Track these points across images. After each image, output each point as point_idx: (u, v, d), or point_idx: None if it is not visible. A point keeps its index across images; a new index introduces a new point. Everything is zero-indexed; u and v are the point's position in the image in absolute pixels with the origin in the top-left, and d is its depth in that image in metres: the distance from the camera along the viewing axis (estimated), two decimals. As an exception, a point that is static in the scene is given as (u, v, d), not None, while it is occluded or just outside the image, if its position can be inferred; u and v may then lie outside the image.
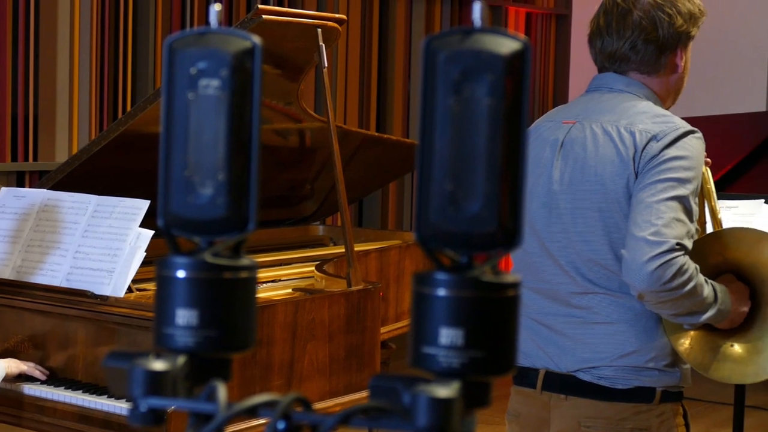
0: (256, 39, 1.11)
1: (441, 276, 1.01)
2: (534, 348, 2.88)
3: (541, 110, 9.62)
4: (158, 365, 1.04)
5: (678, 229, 2.63)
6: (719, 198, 3.77)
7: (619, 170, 2.73)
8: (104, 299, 3.90)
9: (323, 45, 4.45)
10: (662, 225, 2.62)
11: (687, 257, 2.64)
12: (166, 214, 1.10)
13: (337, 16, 4.62)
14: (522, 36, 1.02)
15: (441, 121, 1.01)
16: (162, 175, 1.10)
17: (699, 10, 2.91)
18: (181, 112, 1.09)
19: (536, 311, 2.88)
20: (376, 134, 6.14)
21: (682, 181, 2.68)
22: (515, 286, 1.02)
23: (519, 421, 2.96)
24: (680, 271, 2.61)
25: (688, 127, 2.78)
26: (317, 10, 7.65)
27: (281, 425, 0.98)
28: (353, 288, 4.30)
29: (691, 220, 2.68)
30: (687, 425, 2.89)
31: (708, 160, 2.97)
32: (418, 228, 1.03)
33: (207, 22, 1.13)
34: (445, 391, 0.97)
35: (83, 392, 3.82)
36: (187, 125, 1.09)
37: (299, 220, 5.94)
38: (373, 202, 8.43)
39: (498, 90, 1.00)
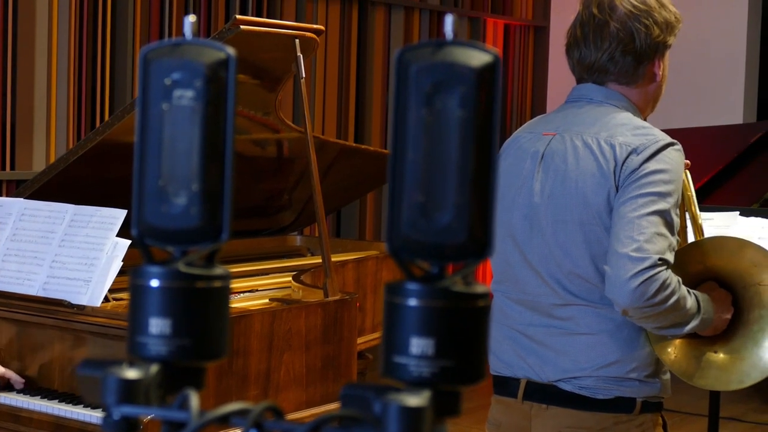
0: (231, 50, 1.11)
1: (412, 286, 1.02)
2: (515, 358, 2.89)
3: (520, 121, 9.65)
4: (131, 374, 1.05)
5: (660, 244, 2.64)
6: (696, 210, 3.79)
7: (599, 183, 2.74)
8: (81, 309, 3.90)
9: (301, 55, 4.46)
10: (644, 240, 2.63)
11: (669, 272, 2.65)
12: (140, 224, 1.11)
13: (314, 26, 4.62)
14: (493, 48, 1.03)
15: (413, 132, 1.02)
16: (136, 185, 1.11)
17: (675, 18, 2.91)
18: (156, 123, 1.10)
19: (518, 322, 2.89)
20: (354, 145, 6.15)
21: (662, 195, 2.69)
22: (486, 296, 1.03)
23: (500, 431, 2.96)
24: (663, 286, 2.62)
25: (668, 139, 2.78)
26: (296, 21, 7.67)
27: (253, 433, 0.98)
28: (330, 298, 4.31)
29: (673, 233, 2.69)
30: None
31: (687, 161, 2.98)
32: (389, 238, 1.04)
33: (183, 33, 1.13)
34: (415, 400, 0.97)
35: (59, 401, 3.82)
36: (162, 135, 1.10)
37: (277, 231, 5.94)
38: (350, 213, 8.44)
39: (469, 102, 1.01)
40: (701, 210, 3.77)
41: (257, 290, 4.94)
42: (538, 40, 9.92)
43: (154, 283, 1.09)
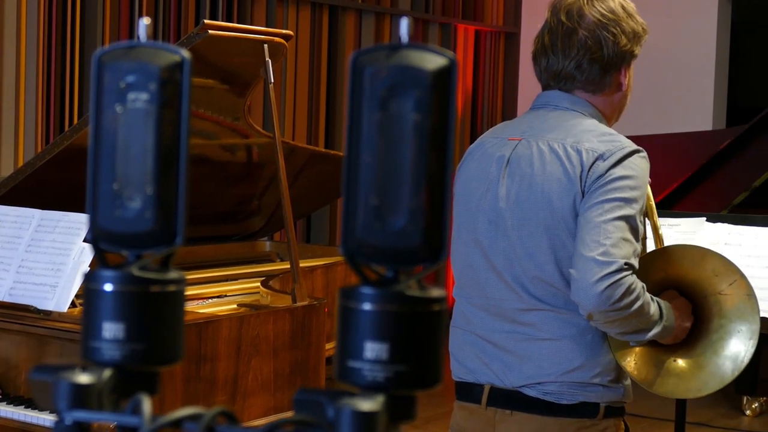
0: (185, 53, 1.11)
1: (366, 290, 1.02)
2: (479, 364, 2.89)
3: (490, 126, 9.65)
4: (83, 378, 1.04)
5: (625, 249, 2.65)
6: (662, 216, 3.80)
7: (565, 188, 2.74)
8: (47, 314, 3.88)
9: (269, 60, 4.45)
10: (610, 245, 2.63)
11: (635, 276, 2.65)
12: (94, 228, 1.10)
13: (283, 31, 4.62)
14: (448, 52, 1.03)
15: (367, 136, 1.02)
16: (90, 189, 1.10)
17: (642, 28, 2.92)
18: (110, 126, 1.09)
19: (481, 327, 2.89)
20: (324, 150, 6.14)
21: (628, 201, 2.69)
22: (441, 300, 1.03)
23: None
24: (628, 290, 2.62)
25: (634, 146, 2.79)
26: (266, 25, 7.66)
27: (206, 438, 0.98)
28: (298, 304, 4.30)
29: (638, 239, 2.70)
30: None
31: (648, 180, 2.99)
32: (344, 242, 1.03)
33: (137, 36, 1.13)
34: (368, 404, 0.97)
35: (25, 407, 3.79)
36: (116, 139, 1.09)
37: (246, 236, 5.93)
38: (321, 218, 8.43)
39: (424, 106, 1.01)
40: (669, 216, 3.79)
41: (226, 296, 4.92)
42: (509, 46, 9.94)
43: (108, 287, 1.08)
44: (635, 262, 2.67)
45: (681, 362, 2.87)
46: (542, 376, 2.79)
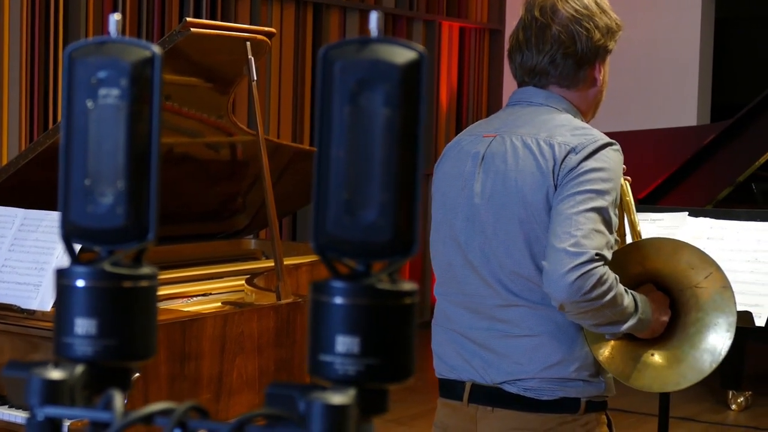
0: (156, 48, 1.11)
1: (337, 284, 1.02)
2: (460, 361, 2.90)
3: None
4: (55, 374, 1.04)
5: (597, 240, 2.65)
6: (645, 210, 3.81)
7: (538, 182, 2.75)
8: (30, 313, 3.87)
9: (252, 58, 4.45)
10: (581, 236, 2.64)
11: (606, 267, 2.66)
12: (66, 224, 1.10)
13: (266, 29, 4.61)
14: (418, 45, 1.03)
15: (337, 130, 1.02)
16: (62, 185, 1.10)
17: (616, 24, 2.94)
18: (81, 122, 1.09)
19: (460, 325, 2.89)
20: (309, 148, 6.14)
21: (600, 193, 2.70)
22: (412, 294, 1.03)
23: None
24: (600, 281, 2.63)
25: (607, 139, 2.80)
26: (250, 23, 7.65)
27: (177, 433, 0.98)
28: (282, 301, 4.30)
29: (611, 231, 2.71)
30: None
31: (628, 178, 3.00)
32: (315, 237, 1.03)
33: (107, 32, 1.13)
34: (339, 398, 0.97)
35: (9, 407, 3.79)
36: (87, 135, 1.09)
37: (231, 234, 5.92)
38: (307, 216, 8.43)
39: (394, 100, 1.01)
40: (651, 211, 3.80)
41: (211, 294, 4.92)
42: (493, 42, 9.95)
43: (80, 283, 1.08)
44: (607, 254, 2.68)
45: (658, 356, 2.87)
46: (522, 373, 2.80)
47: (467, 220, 2.86)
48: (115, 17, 1.12)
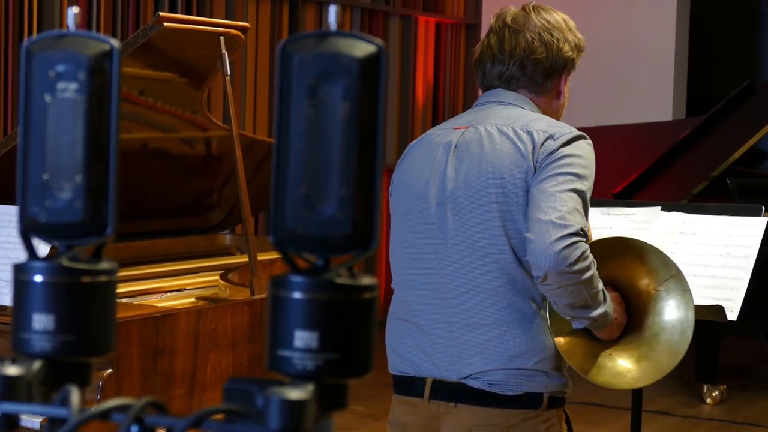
0: (114, 42, 1.10)
1: (296, 279, 1.01)
2: (420, 356, 2.89)
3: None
4: (12, 370, 1.03)
5: (579, 218, 2.70)
6: (618, 205, 3.82)
7: (517, 164, 2.79)
8: (3, 309, 3.86)
9: (226, 53, 4.43)
10: (566, 212, 2.70)
11: (588, 246, 2.70)
12: (24, 219, 1.09)
13: (240, 24, 4.60)
14: (377, 39, 1.03)
15: (296, 124, 1.01)
16: (20, 179, 1.09)
17: (582, 43, 3.08)
18: (39, 116, 1.09)
19: (423, 315, 2.88)
20: (284, 143, 6.11)
21: (580, 177, 2.76)
22: (371, 288, 1.03)
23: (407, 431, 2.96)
24: (583, 255, 2.68)
25: (580, 133, 2.85)
26: (225, 18, 7.64)
27: (134, 429, 0.97)
28: (256, 296, 4.29)
29: (586, 217, 2.75)
30: (570, 430, 2.93)
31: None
32: (274, 231, 1.03)
33: (66, 25, 1.12)
34: (297, 393, 0.97)
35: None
36: (45, 129, 1.08)
37: (207, 229, 5.91)
38: (283, 211, 8.41)
39: (352, 93, 1.01)
40: (624, 205, 3.80)
41: (185, 289, 4.90)
42: (470, 38, 9.95)
43: (38, 278, 1.07)
44: (587, 234, 2.73)
45: (616, 356, 2.90)
46: (486, 364, 2.80)
47: (439, 205, 2.87)
48: (73, 10, 1.11)
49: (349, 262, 1.02)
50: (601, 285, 2.76)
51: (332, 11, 1.03)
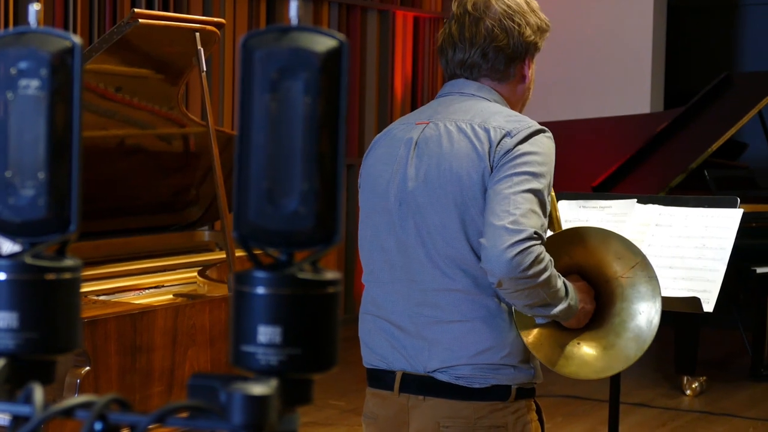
0: (76, 38, 1.10)
1: (259, 274, 1.01)
2: (390, 350, 2.90)
3: (431, 114, 9.65)
4: (-25, 369, 1.03)
5: (534, 220, 2.69)
6: (594, 198, 3.82)
7: (474, 165, 2.78)
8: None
9: (202, 49, 4.43)
10: (520, 215, 2.67)
11: (543, 247, 2.69)
12: (-13, 217, 1.09)
13: (215, 20, 4.59)
14: (338, 34, 1.02)
15: (258, 119, 1.01)
16: (-18, 177, 1.09)
17: (546, 24, 3.01)
18: (1, 114, 1.08)
19: (392, 312, 2.89)
20: (262, 138, 6.10)
21: (536, 175, 2.74)
22: (335, 283, 1.03)
23: (377, 424, 2.96)
24: (537, 259, 2.66)
25: (540, 126, 2.84)
26: (203, 14, 7.62)
27: (98, 426, 0.97)
28: (234, 292, 4.28)
29: (545, 215, 2.74)
30: (541, 420, 2.93)
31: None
32: (237, 226, 1.03)
33: (27, 22, 1.11)
34: (260, 388, 0.97)
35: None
36: (8, 126, 1.08)
37: (185, 226, 5.89)
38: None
39: (314, 88, 1.01)
40: (600, 198, 3.81)
41: (163, 286, 4.90)
42: (448, 32, 9.94)
43: (1, 275, 1.07)
44: (543, 235, 2.71)
45: (584, 345, 2.90)
46: (453, 359, 2.81)
47: (400, 204, 2.87)
48: (34, 7, 1.11)
49: (312, 257, 1.02)
50: (560, 282, 2.75)
51: (293, 6, 1.03)
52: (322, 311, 1.02)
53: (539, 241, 2.68)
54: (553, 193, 2.96)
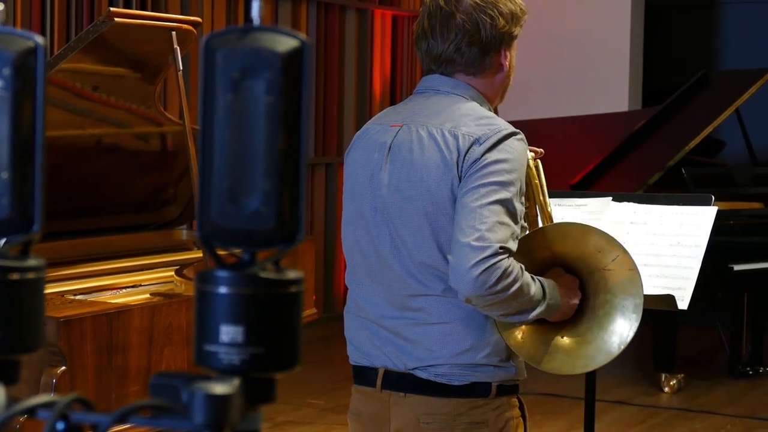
0: (39, 39, 1.10)
1: (221, 273, 1.02)
2: (372, 347, 2.91)
3: (410, 112, 9.66)
4: (-62, 369, 1.03)
5: (501, 233, 2.67)
6: (569, 196, 3.83)
7: (443, 174, 2.77)
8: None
9: (178, 48, 4.43)
10: (485, 230, 2.65)
11: (511, 259, 2.67)
12: (-50, 217, 1.09)
13: (191, 18, 4.59)
14: (300, 34, 1.03)
15: (220, 119, 1.02)
16: (-54, 177, 1.09)
17: (521, 9, 2.95)
18: (-36, 113, 1.08)
19: (372, 313, 2.91)
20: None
21: (504, 185, 2.72)
22: (297, 282, 1.03)
23: (360, 420, 2.98)
24: (505, 274, 2.64)
25: (511, 129, 2.81)
26: (181, 12, 7.61)
27: (60, 426, 0.97)
28: (211, 291, 4.27)
29: (516, 222, 2.72)
30: (524, 417, 2.93)
31: (541, 150, 3.01)
32: (199, 225, 1.03)
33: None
34: (221, 387, 0.97)
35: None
36: (-29, 126, 1.08)
37: (163, 225, 5.89)
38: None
39: (276, 88, 1.01)
40: (575, 196, 3.82)
41: (141, 285, 4.89)
42: (427, 30, 9.95)
43: (-36, 276, 1.07)
44: (512, 246, 2.69)
45: (568, 339, 2.90)
46: (432, 359, 2.82)
47: (375, 211, 2.87)
48: (-3, 7, 1.11)
49: (275, 256, 1.03)
50: (533, 288, 2.74)
51: (255, 6, 1.04)
52: (284, 310, 1.02)
53: (506, 255, 2.66)
54: (539, 181, 2.96)
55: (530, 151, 3.08)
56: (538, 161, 3.02)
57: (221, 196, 1.01)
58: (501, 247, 2.64)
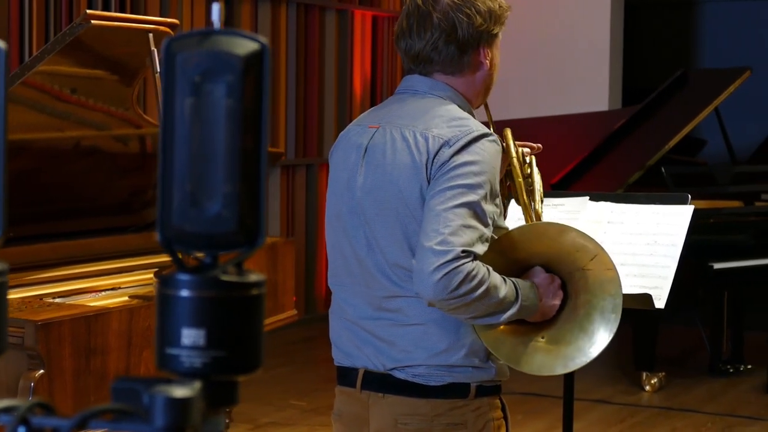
0: (1, 43, 1.10)
1: (182, 277, 1.02)
2: (353, 348, 2.91)
3: (390, 112, 9.65)
4: None
5: (466, 236, 2.66)
6: (547, 196, 3.83)
7: (413, 177, 2.77)
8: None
9: (155, 50, 4.42)
10: (449, 233, 2.64)
11: (476, 263, 2.65)
12: None
13: (169, 20, 4.58)
14: (260, 36, 1.03)
15: (180, 122, 1.02)
16: None
17: (500, 7, 2.93)
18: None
19: (353, 314, 2.91)
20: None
21: (471, 187, 2.70)
22: (258, 285, 1.03)
23: (342, 420, 2.98)
24: (468, 277, 2.63)
25: (483, 130, 2.80)
26: (160, 14, 7.60)
27: (21, 430, 0.97)
28: (190, 293, 4.27)
29: (485, 224, 2.70)
30: (506, 418, 2.93)
31: (539, 145, 3.01)
32: (161, 229, 1.03)
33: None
34: (182, 391, 0.97)
35: None
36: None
37: (142, 227, 5.88)
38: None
39: (236, 91, 1.01)
40: (552, 196, 3.82)
41: (120, 288, 4.88)
42: (408, 31, 9.95)
43: (-74, 281, 1.07)
44: (478, 248, 2.67)
45: (548, 339, 2.88)
46: (409, 360, 2.82)
47: (351, 212, 2.87)
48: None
49: (236, 259, 1.03)
50: (504, 290, 2.72)
51: (215, 9, 1.04)
52: (246, 313, 1.02)
53: (469, 258, 2.64)
54: (522, 180, 2.96)
55: (526, 146, 3.09)
56: (533, 157, 3.03)
57: (182, 199, 1.02)
58: (464, 251, 2.62)
